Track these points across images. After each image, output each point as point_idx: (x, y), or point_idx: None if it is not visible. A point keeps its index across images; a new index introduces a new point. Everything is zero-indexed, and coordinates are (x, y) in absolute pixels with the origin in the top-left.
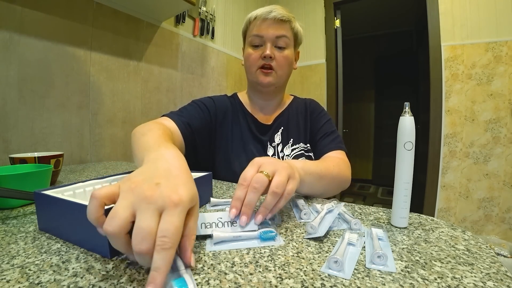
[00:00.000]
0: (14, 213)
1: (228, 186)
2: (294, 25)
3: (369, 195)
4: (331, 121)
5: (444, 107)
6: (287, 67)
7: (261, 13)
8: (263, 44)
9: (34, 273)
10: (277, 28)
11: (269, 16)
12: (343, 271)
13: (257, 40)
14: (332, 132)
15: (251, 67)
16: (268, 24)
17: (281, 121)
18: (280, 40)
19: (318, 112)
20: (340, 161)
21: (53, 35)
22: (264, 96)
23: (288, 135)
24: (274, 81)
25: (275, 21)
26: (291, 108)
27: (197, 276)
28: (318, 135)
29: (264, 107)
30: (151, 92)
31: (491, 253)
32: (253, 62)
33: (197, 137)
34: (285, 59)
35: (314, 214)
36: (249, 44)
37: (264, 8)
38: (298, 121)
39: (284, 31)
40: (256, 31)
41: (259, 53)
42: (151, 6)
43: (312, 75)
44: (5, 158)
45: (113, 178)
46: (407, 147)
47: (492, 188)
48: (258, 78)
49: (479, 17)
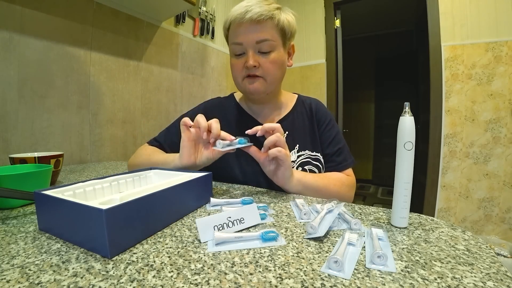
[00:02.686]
0: (14, 213)
1: (228, 186)
2: (279, 19)
3: (369, 195)
4: (339, 132)
5: (444, 107)
6: (277, 71)
7: (235, 16)
8: (245, 52)
9: (34, 273)
10: (256, 31)
11: (244, 20)
12: (343, 271)
13: (238, 49)
14: (341, 148)
15: (237, 78)
16: (245, 28)
17: (285, 125)
18: (262, 44)
19: (326, 122)
20: (343, 181)
21: (53, 35)
22: (257, 101)
23: (293, 140)
24: (264, 88)
25: (253, 22)
26: (296, 111)
27: (197, 276)
28: (327, 150)
29: (261, 110)
30: (151, 92)
31: (491, 253)
32: (238, 72)
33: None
34: (273, 63)
35: (314, 214)
36: (231, 53)
37: (239, 7)
38: (304, 127)
39: (265, 33)
40: (235, 39)
41: (242, 62)
42: (151, 6)
43: (312, 75)
44: (5, 158)
45: (113, 178)
46: (407, 147)
47: (492, 188)
48: (246, 87)
49: (479, 17)
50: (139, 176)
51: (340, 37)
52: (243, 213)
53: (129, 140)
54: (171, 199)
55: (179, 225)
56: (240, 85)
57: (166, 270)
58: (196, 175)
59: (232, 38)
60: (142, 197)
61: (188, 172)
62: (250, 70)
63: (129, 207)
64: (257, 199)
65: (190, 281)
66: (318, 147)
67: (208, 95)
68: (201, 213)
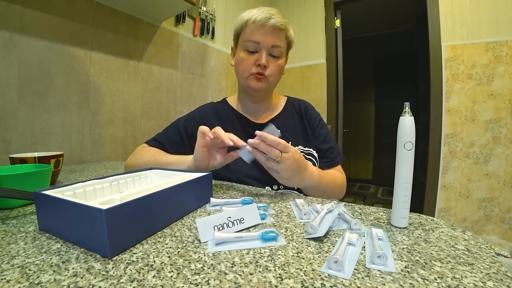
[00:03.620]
0: (14, 213)
1: (228, 186)
2: (289, 33)
3: (369, 195)
4: (329, 130)
5: (444, 107)
6: (279, 75)
7: (260, 19)
8: (258, 51)
9: (34, 273)
10: (274, 37)
11: (268, 23)
12: (343, 271)
13: (252, 46)
14: (333, 146)
15: (244, 72)
16: (265, 31)
17: (277, 124)
18: (275, 49)
19: (317, 122)
20: (342, 179)
21: (53, 35)
22: (255, 99)
23: (286, 138)
24: (266, 87)
25: (273, 29)
26: (286, 111)
27: (197, 276)
28: (320, 146)
29: (255, 109)
30: (151, 92)
31: (491, 253)
32: (246, 67)
33: (185, 147)
34: (278, 68)
35: (314, 214)
36: (242, 48)
37: (262, 12)
38: (295, 125)
39: (280, 41)
40: (253, 37)
41: (253, 59)
42: (151, 6)
43: (312, 75)
44: (5, 158)
45: (113, 178)
46: (407, 147)
47: (492, 188)
48: (250, 83)
49: (479, 17)
50: (139, 176)
51: (340, 37)
52: (243, 213)
53: (129, 140)
54: (171, 199)
55: (179, 225)
56: (245, 80)
57: (166, 270)
58: (196, 175)
59: (250, 36)
60: (142, 197)
61: (188, 172)
62: (260, 68)
63: (129, 207)
64: (257, 199)
65: (190, 281)
66: (310, 143)
67: (208, 95)
68: (201, 213)
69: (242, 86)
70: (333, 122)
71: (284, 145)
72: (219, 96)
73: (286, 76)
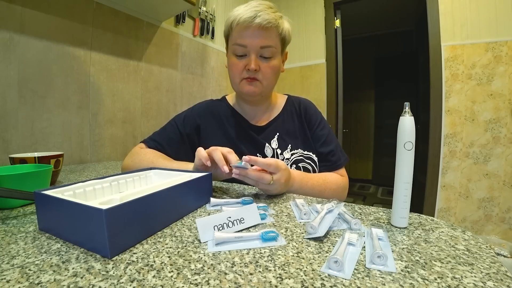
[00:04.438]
0: (14, 213)
1: (228, 186)
2: (282, 28)
3: (369, 195)
4: (331, 131)
5: (444, 107)
6: (274, 76)
7: (244, 19)
8: (247, 54)
9: (34, 273)
10: (262, 37)
11: (253, 24)
12: (343, 271)
13: (240, 50)
14: (335, 148)
15: (235, 77)
16: (251, 32)
17: (276, 126)
18: (266, 50)
19: (317, 123)
20: (338, 183)
21: (53, 35)
22: (251, 102)
23: (285, 141)
24: (259, 91)
25: (260, 28)
26: (286, 112)
27: (197, 276)
28: (320, 149)
29: (252, 111)
30: (151, 92)
31: (491, 253)
32: (237, 72)
33: (185, 146)
34: (271, 69)
35: (314, 214)
36: (232, 52)
37: (248, 10)
38: (294, 128)
39: (270, 40)
40: (240, 41)
41: (243, 63)
42: (151, 6)
43: (312, 75)
44: (5, 158)
45: (113, 178)
46: (407, 147)
47: (492, 188)
48: (243, 88)
49: (479, 17)
50: (139, 176)
51: (340, 37)
52: (243, 213)
53: (129, 140)
54: (171, 199)
55: (179, 225)
56: (237, 86)
57: (166, 270)
58: (196, 175)
59: (237, 39)
60: (142, 197)
61: (188, 172)
62: (250, 73)
63: (129, 207)
64: (257, 199)
65: (190, 281)
66: (309, 146)
67: (208, 95)
68: (201, 213)
69: (235, 91)
70: (333, 122)
71: (275, 166)
72: (219, 96)
73: (286, 76)
